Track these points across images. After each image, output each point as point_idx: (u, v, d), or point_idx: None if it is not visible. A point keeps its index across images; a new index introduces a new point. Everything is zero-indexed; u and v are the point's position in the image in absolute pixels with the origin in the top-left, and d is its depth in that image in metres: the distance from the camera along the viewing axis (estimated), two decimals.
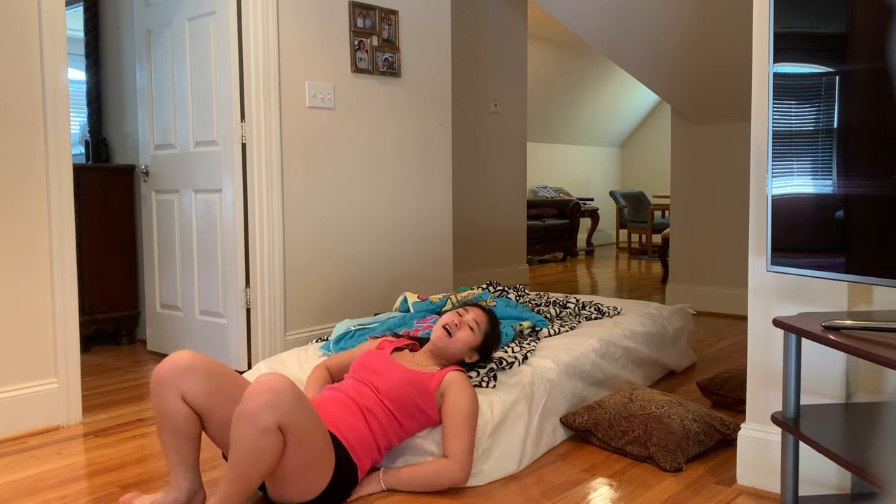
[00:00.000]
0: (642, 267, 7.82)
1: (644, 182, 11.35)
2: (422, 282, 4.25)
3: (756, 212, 2.12)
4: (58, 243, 2.77)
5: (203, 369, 1.93)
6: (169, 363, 1.92)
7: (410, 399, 2.13)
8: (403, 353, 2.34)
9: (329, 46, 3.71)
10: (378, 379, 2.15)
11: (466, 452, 2.09)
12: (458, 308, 2.37)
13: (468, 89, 5.92)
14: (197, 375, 1.91)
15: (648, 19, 4.21)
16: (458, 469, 2.08)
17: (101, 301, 4.06)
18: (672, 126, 5.11)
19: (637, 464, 2.33)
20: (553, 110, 9.73)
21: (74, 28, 4.42)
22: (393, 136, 4.06)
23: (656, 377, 3.29)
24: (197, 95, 3.61)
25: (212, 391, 1.92)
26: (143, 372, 3.59)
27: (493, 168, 6.21)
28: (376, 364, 2.21)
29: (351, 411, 2.06)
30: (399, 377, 2.14)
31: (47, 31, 2.71)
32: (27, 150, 2.69)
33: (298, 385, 2.70)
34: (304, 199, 3.64)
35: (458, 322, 2.27)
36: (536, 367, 2.55)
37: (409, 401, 2.13)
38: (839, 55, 1.70)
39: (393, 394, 2.12)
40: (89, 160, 4.40)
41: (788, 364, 1.78)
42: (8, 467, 2.36)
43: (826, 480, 2.01)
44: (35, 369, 2.73)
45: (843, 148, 1.70)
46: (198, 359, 1.94)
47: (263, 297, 3.47)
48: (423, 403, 2.14)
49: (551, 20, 7.67)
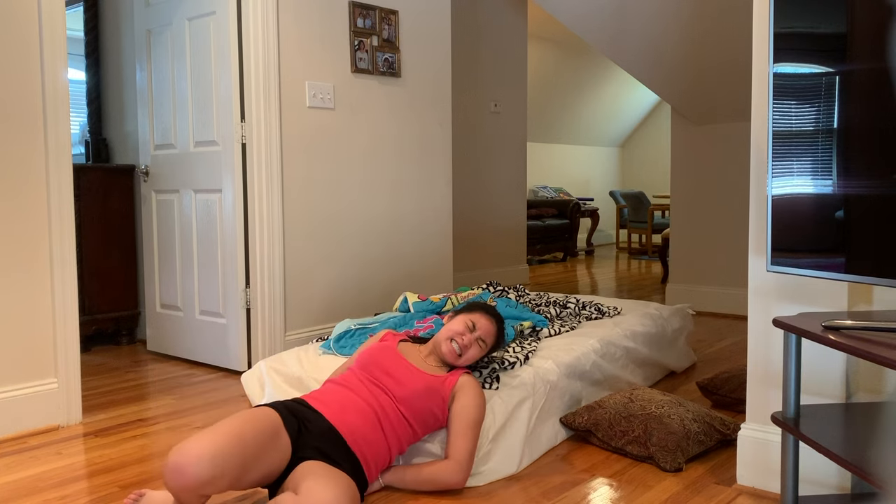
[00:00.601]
0: (642, 267, 7.82)
1: (644, 182, 11.35)
2: (422, 282, 4.25)
3: (756, 212, 2.12)
4: (58, 243, 2.76)
5: (229, 473, 1.71)
6: (189, 477, 1.67)
7: (428, 408, 2.13)
8: (410, 347, 2.31)
9: (329, 46, 3.71)
10: (395, 384, 2.12)
11: (469, 455, 2.10)
12: (463, 311, 2.33)
13: (468, 89, 5.92)
14: (222, 481, 1.71)
15: (648, 19, 4.20)
16: (459, 471, 2.08)
17: (101, 301, 4.06)
18: (672, 126, 5.11)
19: (637, 464, 2.33)
20: (553, 110, 9.73)
21: (74, 28, 4.42)
22: (393, 136, 4.06)
23: (656, 377, 3.29)
24: (197, 95, 3.61)
25: (238, 479, 1.76)
26: (143, 372, 3.59)
27: (493, 168, 6.21)
28: (390, 365, 2.17)
29: (368, 420, 2.02)
30: (418, 387, 2.12)
31: (47, 31, 2.71)
32: (27, 150, 2.69)
33: (300, 382, 2.71)
34: (305, 200, 3.64)
35: (467, 343, 2.23)
36: (537, 368, 2.55)
37: (427, 410, 2.13)
38: (839, 55, 1.70)
39: (411, 402, 2.10)
40: (89, 160, 4.40)
41: (788, 364, 1.78)
42: (8, 467, 2.36)
43: (826, 480, 2.01)
44: (35, 369, 2.73)
45: (843, 148, 1.70)
46: (218, 465, 1.69)
47: (263, 297, 3.47)
48: (437, 410, 2.14)
49: (551, 20, 7.67)
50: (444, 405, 2.14)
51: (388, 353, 2.22)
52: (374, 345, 2.29)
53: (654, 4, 4.11)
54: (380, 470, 2.07)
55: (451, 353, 2.22)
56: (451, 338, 2.23)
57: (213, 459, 1.68)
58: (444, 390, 2.15)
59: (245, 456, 1.75)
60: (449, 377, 2.18)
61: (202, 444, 1.70)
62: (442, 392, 2.14)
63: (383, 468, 2.09)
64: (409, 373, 2.15)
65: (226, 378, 3.45)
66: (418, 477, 2.10)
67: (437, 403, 2.13)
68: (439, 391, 2.14)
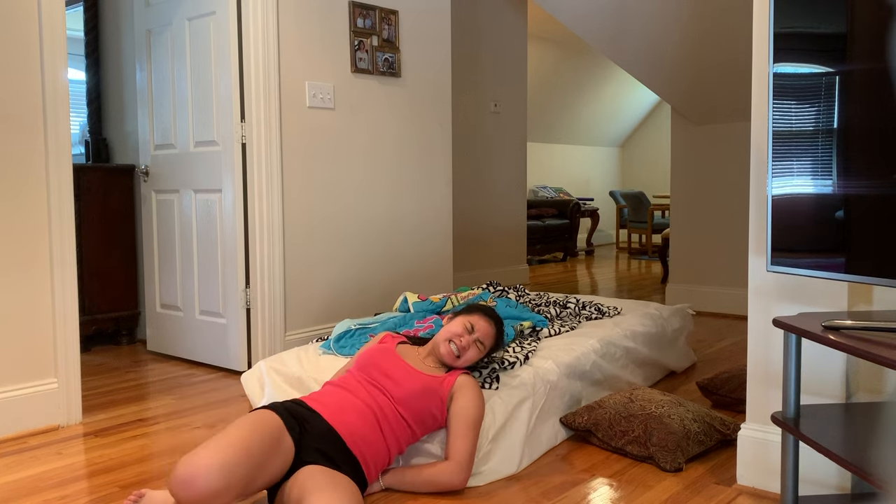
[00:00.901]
0: (642, 267, 7.82)
1: (644, 182, 11.35)
2: (422, 282, 4.25)
3: (756, 212, 2.12)
4: (58, 243, 2.76)
5: (236, 484, 1.71)
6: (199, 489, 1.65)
7: (426, 409, 2.13)
8: (408, 349, 2.31)
9: (329, 46, 3.71)
10: (392, 385, 2.12)
11: (469, 456, 2.10)
12: (461, 313, 2.34)
13: (468, 89, 5.92)
14: (230, 492, 1.70)
15: (648, 19, 4.21)
16: (459, 472, 2.08)
17: (101, 301, 4.06)
18: (672, 126, 5.11)
19: (637, 464, 2.33)
20: (553, 110, 9.73)
21: (74, 28, 4.42)
22: (393, 136, 4.06)
23: (656, 377, 3.29)
24: (197, 95, 3.61)
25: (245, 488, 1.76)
26: (143, 372, 3.59)
27: (493, 168, 6.21)
28: (388, 366, 2.17)
29: (367, 421, 2.02)
30: (416, 387, 2.12)
31: (47, 31, 2.71)
32: (27, 150, 2.69)
33: (300, 382, 2.71)
34: (305, 199, 3.64)
35: (465, 345, 2.23)
36: (537, 368, 2.55)
37: (426, 410, 2.13)
38: (839, 55, 1.70)
39: (410, 403, 2.11)
40: (89, 160, 4.40)
41: (788, 364, 1.78)
42: (8, 467, 2.36)
43: (826, 480, 2.01)
44: (35, 369, 2.73)
45: (843, 148, 1.70)
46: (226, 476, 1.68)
47: (263, 297, 3.47)
48: (436, 411, 2.14)
49: (551, 20, 7.67)
50: (442, 406, 2.14)
51: (387, 355, 2.22)
52: (373, 347, 2.29)
53: (655, 4, 4.11)
54: (379, 470, 2.07)
55: (449, 354, 2.22)
56: (449, 339, 2.23)
57: (222, 471, 1.68)
58: (442, 391, 2.15)
59: (251, 466, 1.75)
60: (447, 377, 2.18)
61: (210, 456, 1.69)
62: (440, 392, 2.14)
63: (383, 469, 2.09)
64: (406, 373, 2.15)
65: (226, 378, 3.45)
66: (418, 478, 2.10)
67: (436, 404, 2.13)
68: (437, 391, 2.14)
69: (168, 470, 2.32)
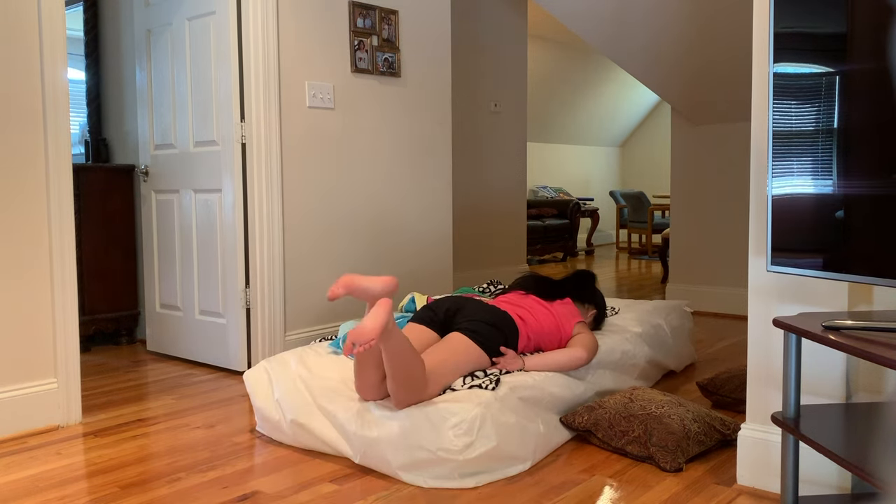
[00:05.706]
0: (642, 267, 7.82)
1: (644, 182, 11.35)
2: (422, 281, 4.25)
3: (756, 212, 2.12)
4: (58, 243, 2.76)
5: None
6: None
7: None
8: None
9: (329, 46, 3.71)
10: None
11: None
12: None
13: (468, 89, 5.92)
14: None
15: (648, 19, 4.21)
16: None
17: (101, 301, 4.06)
18: (672, 126, 5.11)
19: (637, 464, 2.33)
20: (553, 110, 9.73)
21: (74, 28, 4.42)
22: (393, 136, 4.06)
23: (656, 377, 3.29)
24: (197, 95, 3.61)
25: None
26: (143, 372, 3.59)
27: (493, 168, 6.21)
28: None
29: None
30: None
31: (47, 31, 2.71)
32: (27, 150, 2.69)
33: (302, 383, 2.70)
34: (304, 199, 3.64)
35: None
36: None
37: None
38: (839, 55, 1.70)
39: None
40: (89, 160, 4.40)
41: (788, 364, 1.78)
42: (8, 467, 2.36)
43: (826, 480, 2.01)
44: (35, 369, 2.73)
45: (843, 148, 1.70)
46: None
47: (263, 297, 3.47)
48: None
49: (551, 20, 7.67)
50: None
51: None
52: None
53: (654, 4, 4.11)
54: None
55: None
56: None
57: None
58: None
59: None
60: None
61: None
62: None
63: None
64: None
65: (225, 378, 3.45)
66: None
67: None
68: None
69: (168, 470, 2.32)
